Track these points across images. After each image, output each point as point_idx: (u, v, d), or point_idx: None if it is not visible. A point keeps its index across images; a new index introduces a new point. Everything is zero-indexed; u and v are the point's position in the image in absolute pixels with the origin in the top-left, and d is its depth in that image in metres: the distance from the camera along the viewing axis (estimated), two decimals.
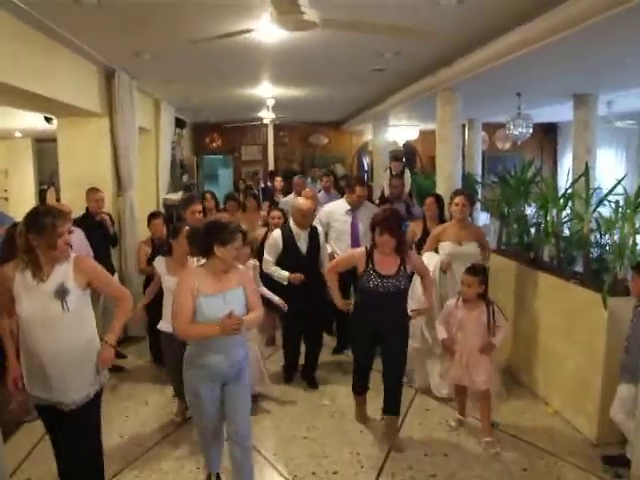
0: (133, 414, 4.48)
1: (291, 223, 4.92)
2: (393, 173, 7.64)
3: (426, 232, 5.27)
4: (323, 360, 5.33)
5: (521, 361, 5.02)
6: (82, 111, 5.57)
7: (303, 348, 5.13)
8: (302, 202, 4.96)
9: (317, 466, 3.77)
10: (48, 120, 7.17)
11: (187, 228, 4.11)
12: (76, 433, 2.89)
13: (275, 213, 5.63)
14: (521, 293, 5.01)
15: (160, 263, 4.16)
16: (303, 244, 4.85)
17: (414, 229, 5.45)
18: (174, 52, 5.34)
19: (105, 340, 2.90)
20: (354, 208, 5.59)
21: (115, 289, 3.06)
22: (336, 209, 5.68)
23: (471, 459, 3.83)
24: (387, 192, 7.34)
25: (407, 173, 7.90)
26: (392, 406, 4.09)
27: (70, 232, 2.80)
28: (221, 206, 6.74)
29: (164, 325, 4.08)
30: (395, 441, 4.02)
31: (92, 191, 5.39)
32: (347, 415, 4.47)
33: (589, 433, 4.07)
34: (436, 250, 4.81)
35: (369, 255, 3.89)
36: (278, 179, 9.32)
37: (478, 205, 7.08)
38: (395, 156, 8.84)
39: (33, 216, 2.72)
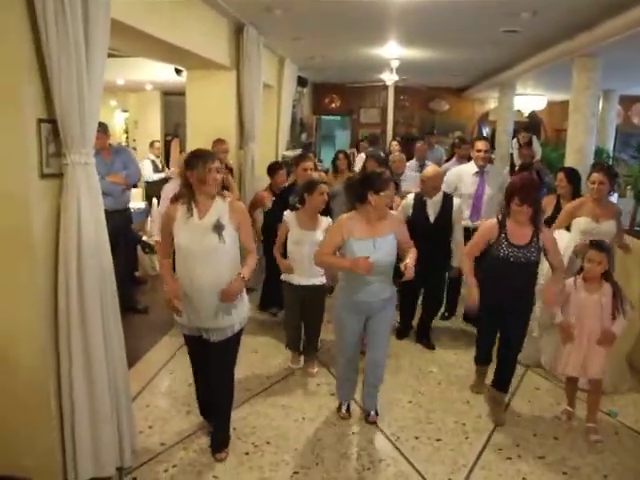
0: (243, 360, 4.62)
1: None
2: (521, 143, 7.35)
3: (558, 209, 4.95)
4: (434, 326, 5.27)
5: (638, 347, 4.66)
6: (211, 63, 5.70)
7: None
8: (425, 171, 4.95)
9: (420, 431, 3.74)
10: (178, 72, 7.43)
11: (323, 185, 4.21)
12: (215, 362, 3.28)
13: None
14: None
15: (291, 216, 4.29)
16: (432, 213, 4.78)
17: (545, 204, 5.11)
18: (305, 7, 5.30)
19: (239, 272, 3.15)
20: (482, 170, 5.39)
21: (250, 241, 3.30)
22: (464, 172, 5.53)
23: (584, 447, 3.63)
24: (517, 162, 7.10)
25: (536, 142, 7.56)
26: (502, 382, 3.98)
27: (219, 171, 3.09)
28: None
29: (286, 276, 4.34)
30: (500, 417, 3.90)
31: (219, 142, 5.54)
32: (454, 384, 4.41)
33: None
34: (567, 228, 4.48)
35: (501, 224, 3.72)
36: (394, 143, 9.11)
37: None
38: (521, 127, 8.59)
39: (190, 156, 3.15)
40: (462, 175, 5.49)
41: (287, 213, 4.33)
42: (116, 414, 3.09)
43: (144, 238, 6.73)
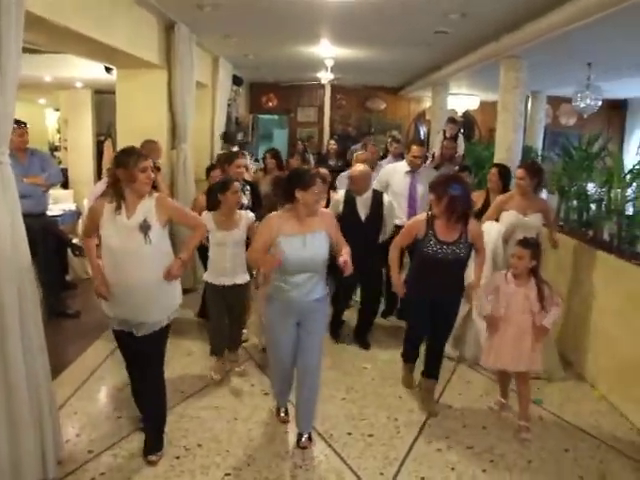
0: (176, 362, 4.55)
1: None
2: (447, 135, 7.55)
3: (487, 203, 5.12)
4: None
5: (570, 341, 4.86)
6: (141, 62, 5.59)
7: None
8: (352, 168, 4.96)
9: (353, 427, 3.77)
10: (108, 70, 7.23)
11: (236, 183, 4.18)
12: (143, 357, 3.27)
13: (324, 172, 5.52)
14: (576, 271, 4.84)
15: (208, 218, 4.16)
16: (362, 210, 4.80)
17: (475, 199, 5.26)
18: (236, 4, 5.26)
19: (178, 256, 3.22)
20: (413, 170, 5.45)
21: (191, 218, 3.41)
22: (396, 169, 5.58)
23: (510, 434, 3.76)
24: (437, 152, 7.28)
25: (461, 138, 7.79)
26: (432, 370, 4.09)
27: (153, 170, 3.11)
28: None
29: (209, 277, 4.28)
30: (432, 406, 4.01)
31: (150, 142, 5.43)
32: (387, 380, 4.47)
33: (637, 420, 3.93)
34: (497, 220, 4.64)
35: (429, 221, 3.77)
36: (332, 142, 9.18)
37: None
38: (451, 119, 8.79)
39: (121, 153, 3.12)
40: (394, 173, 5.55)
41: (204, 215, 4.20)
42: (39, 424, 2.98)
43: (74, 241, 6.52)
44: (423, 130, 13.06)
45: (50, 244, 5.47)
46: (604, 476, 3.37)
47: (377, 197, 4.87)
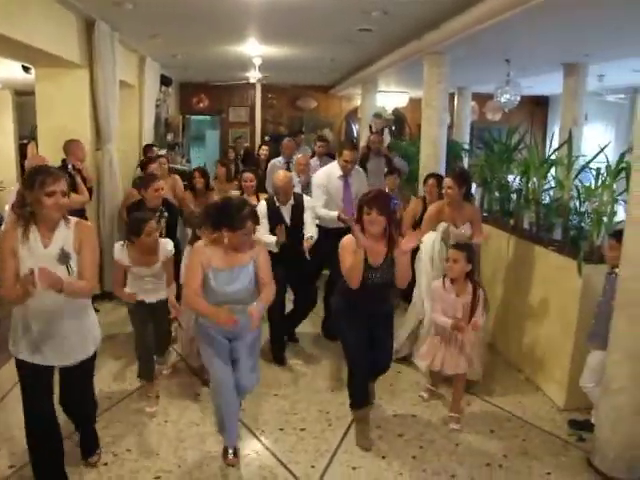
0: (104, 368, 4.43)
1: None
2: (373, 130, 7.71)
3: (426, 211, 5.15)
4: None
5: (497, 328, 5.04)
6: (60, 60, 5.40)
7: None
8: (276, 178, 4.71)
9: (285, 422, 3.79)
10: (26, 69, 6.97)
11: (151, 222, 3.82)
12: (72, 385, 3.05)
13: (247, 175, 5.45)
14: (499, 259, 5.01)
15: (122, 254, 3.84)
16: (286, 215, 4.68)
17: (414, 207, 5.29)
18: (156, 1, 5.17)
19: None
20: (346, 174, 5.35)
21: (88, 272, 2.83)
22: (330, 174, 5.41)
23: (439, 421, 3.86)
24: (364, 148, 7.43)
25: (386, 132, 8.00)
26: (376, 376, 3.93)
27: (63, 194, 2.69)
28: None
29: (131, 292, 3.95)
30: (368, 437, 3.67)
31: (74, 143, 5.29)
32: (319, 375, 4.50)
33: (558, 399, 4.11)
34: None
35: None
36: (264, 147, 8.96)
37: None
38: (376, 114, 9.11)
39: (28, 174, 2.78)
40: (330, 179, 5.37)
41: (117, 248, 3.87)
42: None
43: None
44: (356, 128, 13.21)
45: None
46: (526, 452, 3.50)
47: (299, 201, 4.76)
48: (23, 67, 6.93)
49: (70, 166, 5.24)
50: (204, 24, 6.18)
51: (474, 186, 5.53)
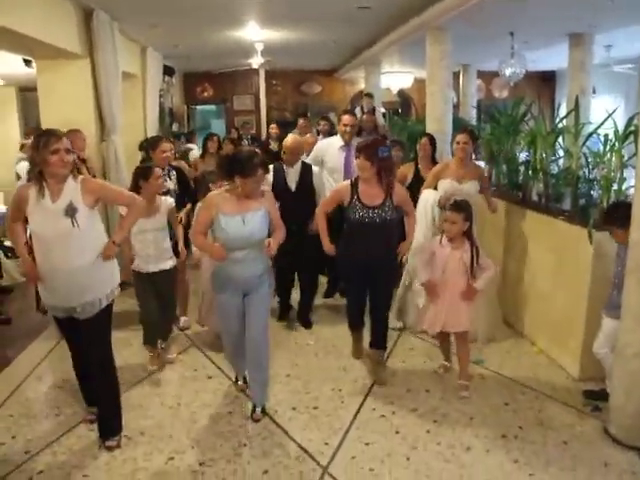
0: (116, 354, 4.42)
1: None
2: (365, 110, 7.94)
3: (417, 174, 5.19)
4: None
5: (508, 301, 4.98)
6: (59, 51, 5.39)
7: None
8: (286, 140, 4.87)
9: (298, 402, 3.78)
10: (27, 63, 6.98)
11: (157, 169, 4.11)
12: (89, 341, 3.22)
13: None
14: (510, 233, 4.96)
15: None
16: (292, 181, 4.76)
17: (405, 171, 5.33)
18: None
19: (112, 238, 3.19)
20: (348, 144, 5.36)
21: (125, 197, 3.29)
22: (330, 145, 5.51)
23: (452, 395, 3.83)
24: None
25: (379, 112, 8.54)
26: (379, 340, 4.12)
27: (67, 151, 2.93)
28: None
29: (134, 265, 4.15)
30: (381, 375, 4.04)
31: (72, 132, 5.27)
32: (331, 354, 4.49)
33: (572, 369, 4.06)
34: (435, 188, 4.68)
35: (354, 186, 3.83)
36: (273, 126, 9.05)
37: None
38: (367, 94, 9.38)
39: (34, 137, 3.01)
40: (328, 148, 5.49)
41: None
42: None
43: (6, 243, 6.29)
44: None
45: None
46: (542, 423, 3.47)
47: (306, 167, 4.85)
48: (24, 60, 6.93)
49: (75, 156, 5.24)
50: (203, 11, 6.16)
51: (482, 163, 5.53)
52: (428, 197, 4.61)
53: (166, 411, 3.69)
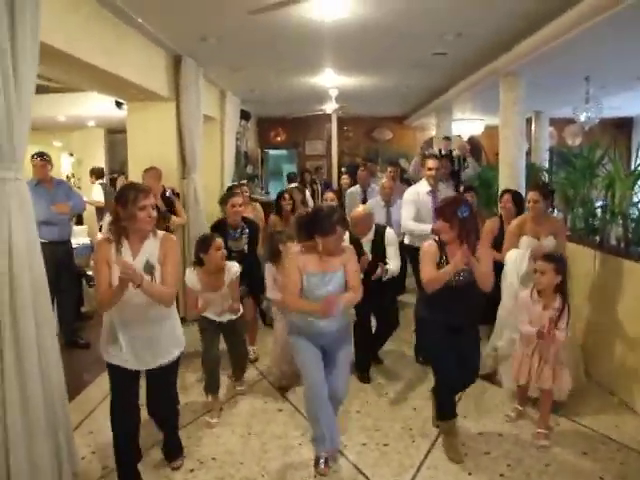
0: (190, 387, 4.59)
1: None
2: (443, 152, 8.27)
3: (502, 230, 5.03)
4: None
5: (588, 351, 4.81)
6: (150, 94, 5.77)
7: None
8: (355, 211, 4.75)
9: (368, 438, 3.76)
10: (119, 105, 7.47)
11: (218, 240, 3.98)
12: (158, 387, 3.24)
13: (329, 195, 5.55)
14: (588, 279, 4.81)
15: (193, 278, 4.00)
16: (368, 249, 4.61)
17: (491, 225, 5.08)
18: (238, 35, 5.45)
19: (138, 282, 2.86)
20: (433, 186, 5.32)
21: (169, 279, 3.00)
22: (419, 191, 5.41)
23: (527, 440, 3.71)
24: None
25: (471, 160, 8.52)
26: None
27: (153, 208, 2.94)
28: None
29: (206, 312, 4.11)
30: (457, 450, 3.61)
31: (148, 170, 5.58)
32: (401, 394, 4.45)
33: None
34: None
35: (441, 246, 3.53)
36: (345, 177, 9.06)
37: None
38: (445, 137, 9.75)
39: (121, 190, 3.04)
40: (418, 195, 5.36)
41: (188, 275, 4.02)
42: (54, 437, 3.02)
43: (89, 273, 6.64)
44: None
45: (73, 268, 5.70)
46: (625, 477, 3.31)
47: (379, 233, 4.70)
48: (116, 103, 7.42)
49: (169, 192, 5.59)
50: (282, 55, 6.44)
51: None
52: (511, 257, 4.44)
53: (237, 439, 3.74)
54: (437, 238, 3.58)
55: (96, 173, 8.73)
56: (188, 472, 3.36)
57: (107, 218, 4.64)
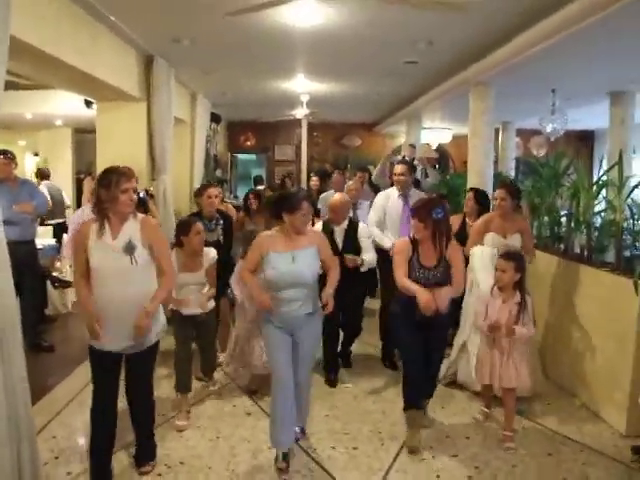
0: (157, 388, 4.47)
1: None
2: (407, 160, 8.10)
3: (463, 227, 5.17)
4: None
5: (549, 354, 4.92)
6: (121, 94, 5.72)
7: None
8: (333, 197, 4.86)
9: (337, 442, 3.76)
10: (88, 104, 7.36)
11: (198, 224, 4.08)
12: (134, 374, 3.25)
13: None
14: (551, 285, 4.93)
15: (173, 258, 3.90)
16: (339, 240, 4.69)
17: (453, 222, 5.23)
18: (212, 38, 5.46)
19: (144, 307, 3.05)
20: (403, 191, 5.25)
21: (166, 263, 3.20)
22: (391, 194, 5.36)
23: (494, 442, 3.77)
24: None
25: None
26: (429, 391, 4.01)
27: (134, 191, 3.05)
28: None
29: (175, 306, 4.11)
30: (415, 440, 3.75)
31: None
32: (369, 397, 4.47)
33: (618, 424, 3.96)
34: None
35: (414, 245, 3.68)
36: (315, 179, 9.04)
37: None
38: (410, 144, 10.01)
39: (103, 173, 3.07)
40: (388, 199, 5.32)
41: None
42: (16, 446, 2.93)
43: (54, 274, 6.51)
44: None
45: (37, 270, 5.55)
46: (587, 477, 3.39)
47: (353, 225, 4.78)
48: (85, 102, 7.31)
49: (143, 192, 5.52)
50: (255, 59, 6.48)
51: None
52: (476, 253, 4.53)
53: (206, 443, 3.71)
54: (411, 236, 3.73)
55: (42, 174, 8.63)
56: (156, 476, 3.31)
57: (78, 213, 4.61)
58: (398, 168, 5.33)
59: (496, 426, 3.97)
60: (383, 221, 5.19)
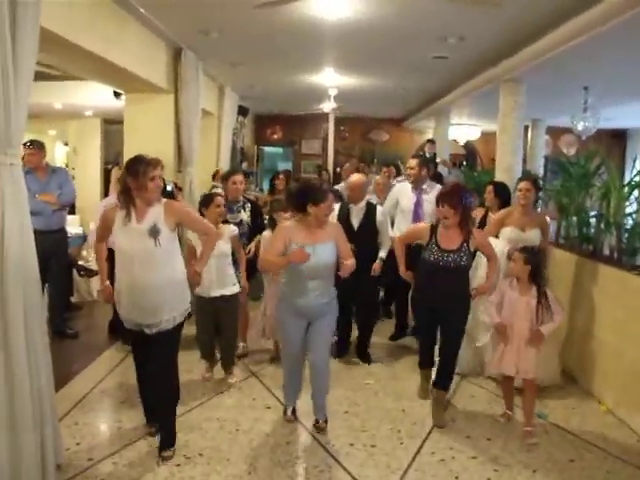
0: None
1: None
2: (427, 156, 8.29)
3: (485, 218, 5.15)
4: (373, 341, 5.29)
5: (574, 357, 4.83)
6: (150, 85, 5.75)
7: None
8: (351, 177, 5.09)
9: (355, 439, 3.74)
10: (117, 95, 7.42)
11: (219, 197, 4.29)
12: (157, 354, 3.35)
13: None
14: (579, 287, 4.83)
15: (190, 233, 4.21)
16: (355, 220, 4.84)
17: (476, 214, 5.25)
18: (240, 30, 5.45)
19: (193, 266, 3.56)
20: (415, 184, 5.40)
21: (203, 225, 3.52)
22: (404, 187, 5.60)
23: (515, 446, 3.71)
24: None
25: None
26: (443, 381, 4.09)
27: (160, 178, 3.21)
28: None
29: (198, 289, 4.20)
30: (439, 417, 3.98)
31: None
32: (390, 395, 4.44)
33: None
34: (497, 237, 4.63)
35: (433, 229, 3.90)
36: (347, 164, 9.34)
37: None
38: (429, 140, 9.85)
39: (131, 162, 3.19)
40: (403, 191, 5.54)
41: (190, 234, 4.25)
42: (40, 431, 2.97)
43: (80, 262, 6.59)
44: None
45: (64, 258, 5.57)
46: None
47: (371, 207, 4.91)
48: (114, 93, 7.37)
49: (171, 185, 5.56)
50: (284, 51, 6.45)
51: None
52: (493, 245, 4.51)
53: (225, 435, 3.72)
54: (433, 222, 3.96)
55: None
56: (174, 466, 3.32)
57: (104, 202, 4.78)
58: (410, 162, 5.54)
59: (519, 428, 3.91)
60: (393, 211, 5.44)
